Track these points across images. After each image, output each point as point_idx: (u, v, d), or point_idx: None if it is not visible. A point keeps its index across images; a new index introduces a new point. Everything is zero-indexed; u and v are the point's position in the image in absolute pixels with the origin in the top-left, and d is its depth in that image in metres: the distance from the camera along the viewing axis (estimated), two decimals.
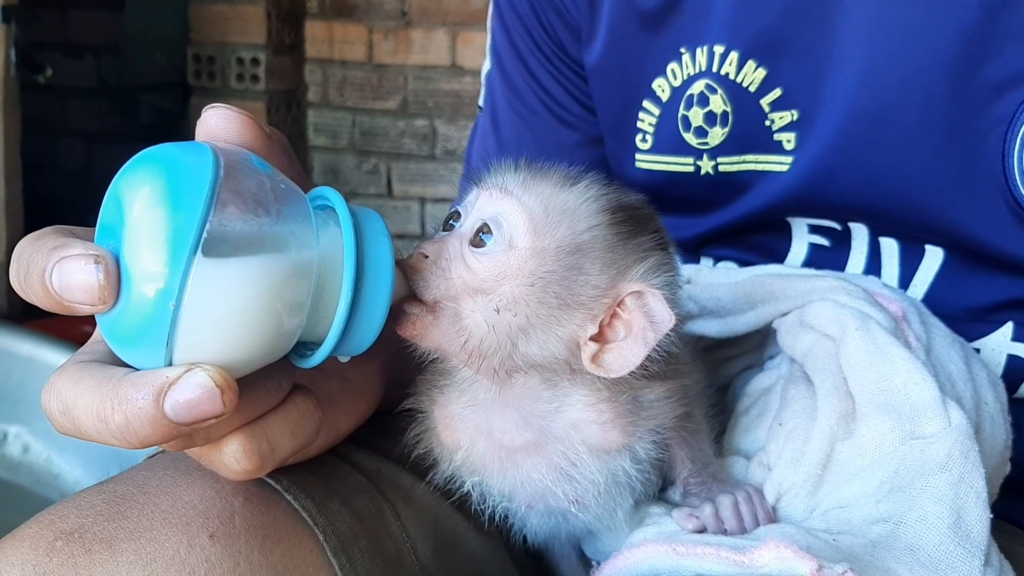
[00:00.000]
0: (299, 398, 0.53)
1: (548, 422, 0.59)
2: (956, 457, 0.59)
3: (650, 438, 0.60)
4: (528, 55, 0.98)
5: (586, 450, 0.59)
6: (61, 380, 0.49)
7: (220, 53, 2.72)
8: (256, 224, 0.47)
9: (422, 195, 3.00)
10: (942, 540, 0.58)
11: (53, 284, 0.46)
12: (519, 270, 0.55)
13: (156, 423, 0.46)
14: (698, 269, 0.80)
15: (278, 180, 0.50)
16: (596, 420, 0.58)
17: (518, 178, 0.57)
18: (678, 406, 0.61)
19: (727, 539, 0.59)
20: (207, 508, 0.56)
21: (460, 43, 2.87)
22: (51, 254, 0.46)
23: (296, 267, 0.48)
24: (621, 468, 0.61)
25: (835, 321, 0.66)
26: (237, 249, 0.46)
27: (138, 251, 0.45)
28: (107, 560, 0.52)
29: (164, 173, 0.46)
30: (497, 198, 0.56)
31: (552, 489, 0.60)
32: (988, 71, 0.70)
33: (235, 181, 0.47)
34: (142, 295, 0.45)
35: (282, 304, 0.47)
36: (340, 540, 0.59)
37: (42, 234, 0.49)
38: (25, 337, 1.85)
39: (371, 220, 0.53)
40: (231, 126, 0.53)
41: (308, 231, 0.49)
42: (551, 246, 0.55)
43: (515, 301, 0.54)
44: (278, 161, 0.54)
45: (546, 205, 0.56)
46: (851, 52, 0.75)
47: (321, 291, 0.50)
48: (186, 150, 0.48)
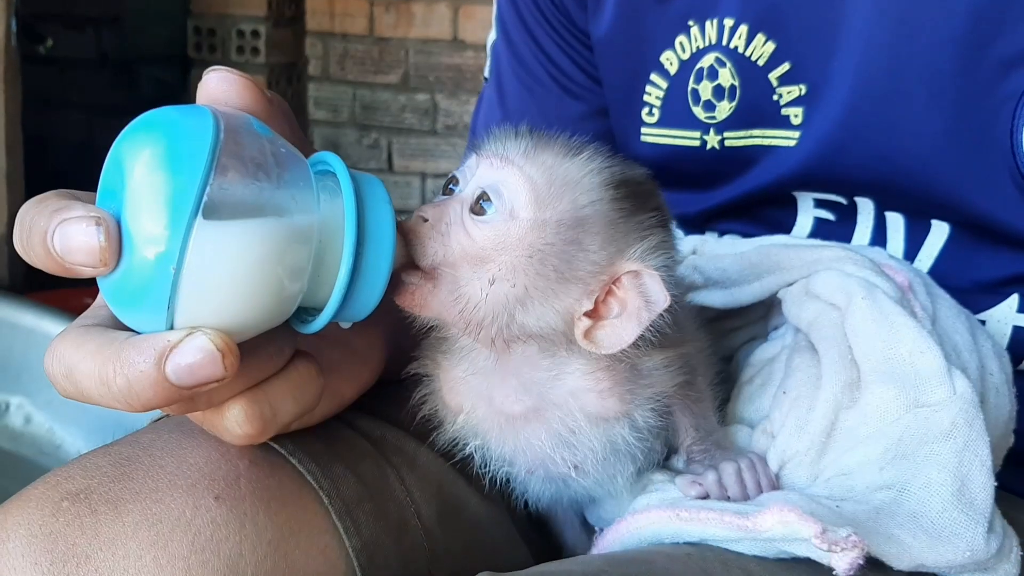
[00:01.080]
0: (301, 363, 0.53)
1: (546, 390, 0.59)
2: (960, 425, 0.60)
3: (649, 406, 0.61)
4: (534, 25, 0.97)
5: (584, 418, 0.59)
6: (64, 344, 0.49)
7: (221, 26, 2.71)
8: (256, 188, 0.47)
9: (423, 170, 2.99)
10: (945, 507, 0.58)
11: (55, 246, 0.46)
12: (519, 241, 0.54)
13: (158, 386, 0.46)
14: (703, 240, 0.80)
15: (279, 144, 0.50)
16: (594, 388, 0.59)
17: (520, 147, 0.57)
18: (678, 374, 0.61)
19: (731, 504, 0.60)
20: (212, 470, 0.56)
21: (462, 17, 2.85)
22: (53, 216, 0.46)
23: (297, 231, 0.48)
24: (620, 436, 0.61)
25: (841, 290, 0.66)
26: (237, 212, 0.46)
27: (139, 214, 0.46)
28: (113, 521, 0.53)
29: (164, 136, 0.46)
30: (498, 166, 0.56)
31: (551, 455, 0.61)
32: (998, 48, 0.69)
33: (235, 145, 0.47)
34: (142, 258, 0.45)
35: (283, 268, 0.47)
36: (345, 504, 0.59)
37: (45, 197, 0.49)
38: (27, 308, 1.85)
39: (372, 186, 0.52)
40: (232, 89, 0.53)
41: (309, 195, 0.49)
42: (552, 218, 0.55)
43: (513, 271, 0.54)
44: (279, 126, 0.54)
45: (549, 176, 0.55)
46: (860, 27, 0.74)
47: (322, 256, 0.50)
48: (186, 113, 0.48)
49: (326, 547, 0.58)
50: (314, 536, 0.57)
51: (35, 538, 0.52)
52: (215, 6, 2.69)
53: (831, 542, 0.52)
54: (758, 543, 0.56)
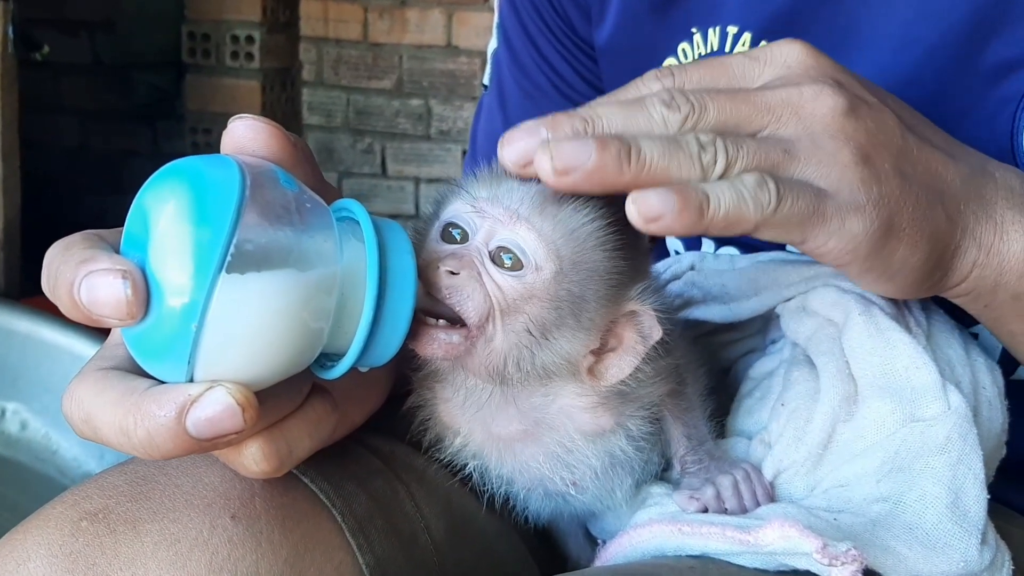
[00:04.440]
0: (317, 401, 0.54)
1: (542, 414, 0.61)
2: (955, 439, 0.61)
3: (640, 415, 0.63)
4: (537, 33, 0.97)
5: (580, 436, 0.62)
6: (82, 388, 0.49)
7: (215, 31, 2.70)
8: (280, 241, 0.47)
9: (416, 175, 2.99)
10: (940, 519, 0.59)
11: (82, 298, 0.46)
12: (544, 291, 0.56)
13: (178, 439, 0.46)
14: (702, 256, 0.81)
15: (303, 196, 0.50)
16: (587, 407, 0.61)
17: (527, 199, 0.57)
18: (666, 382, 0.63)
19: (731, 518, 0.61)
20: (228, 489, 0.57)
21: (456, 23, 2.85)
22: (80, 267, 0.46)
23: (319, 283, 0.48)
24: (617, 447, 0.63)
25: (838, 306, 0.67)
26: (261, 267, 0.46)
27: (163, 267, 0.46)
28: (132, 540, 0.53)
29: (190, 188, 0.46)
30: (512, 222, 0.56)
31: (549, 476, 0.63)
32: (998, 51, 0.70)
33: (261, 198, 0.47)
34: (166, 312, 0.46)
35: (304, 320, 0.48)
36: (357, 521, 0.60)
37: (71, 243, 0.49)
38: (23, 314, 1.85)
39: (394, 232, 0.52)
40: (258, 137, 0.53)
41: (331, 246, 0.49)
42: (569, 268, 0.56)
43: (541, 320, 0.56)
44: (302, 171, 0.54)
45: (560, 228, 0.56)
46: (867, 34, 0.75)
47: (344, 304, 0.50)
48: (212, 165, 0.48)
49: (340, 564, 0.59)
50: (329, 553, 0.58)
51: (55, 558, 0.53)
52: (209, 11, 2.69)
53: (831, 557, 0.53)
54: (759, 556, 0.57)
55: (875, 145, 0.55)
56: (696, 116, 0.53)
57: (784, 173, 0.53)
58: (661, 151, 0.51)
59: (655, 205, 0.49)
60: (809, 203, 0.52)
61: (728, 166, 0.52)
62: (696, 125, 0.53)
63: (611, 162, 0.50)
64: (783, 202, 0.51)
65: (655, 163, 0.51)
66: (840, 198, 0.53)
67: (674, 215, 0.49)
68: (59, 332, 1.78)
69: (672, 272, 0.79)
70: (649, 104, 0.54)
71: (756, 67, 0.58)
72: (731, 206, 0.50)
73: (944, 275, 0.60)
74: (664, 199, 0.49)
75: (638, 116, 0.53)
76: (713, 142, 0.52)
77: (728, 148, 0.52)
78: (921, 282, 0.58)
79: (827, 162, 0.53)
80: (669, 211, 0.49)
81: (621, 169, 0.50)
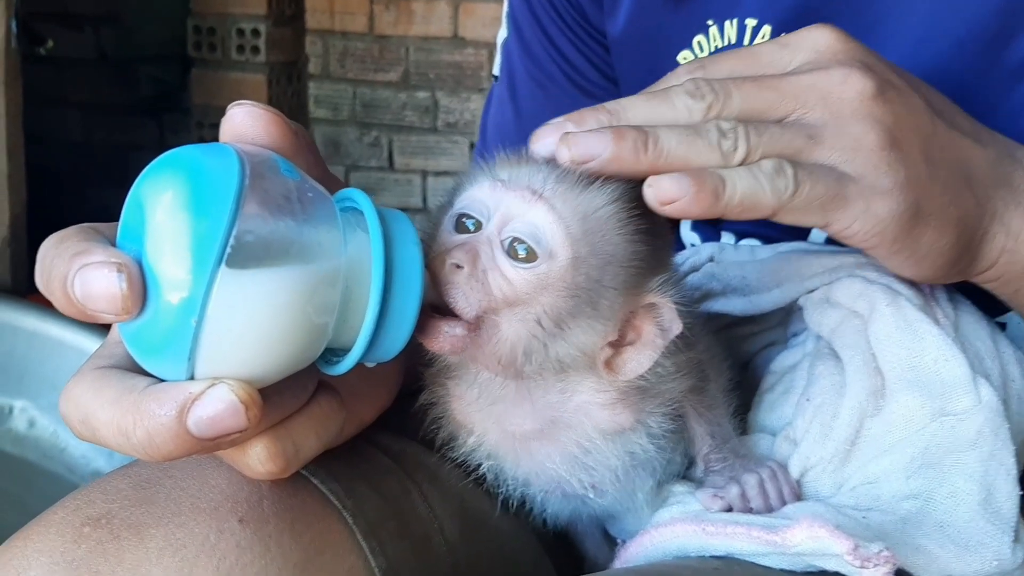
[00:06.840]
0: (324, 399, 0.52)
1: (559, 411, 0.59)
2: (986, 434, 0.60)
3: (661, 411, 0.61)
4: (548, 23, 0.95)
5: (599, 435, 0.59)
6: (80, 388, 0.48)
7: (220, 24, 2.69)
8: (281, 233, 0.45)
9: (424, 168, 2.98)
10: (972, 516, 0.59)
11: (76, 292, 0.45)
12: (559, 281, 0.53)
13: (179, 438, 0.45)
14: (721, 247, 0.79)
15: (305, 187, 0.48)
16: (605, 403, 0.59)
17: (544, 179, 0.55)
18: (688, 378, 0.61)
19: (757, 518, 0.59)
20: (235, 492, 0.55)
21: (462, 14, 2.84)
22: (73, 260, 0.45)
23: (323, 276, 0.47)
24: (638, 446, 0.61)
25: (864, 298, 0.65)
26: (262, 260, 0.44)
27: (161, 261, 0.44)
28: (136, 546, 0.52)
29: (188, 179, 0.45)
30: (528, 202, 0.54)
31: (566, 478, 0.61)
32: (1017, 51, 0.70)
33: (260, 188, 0.45)
34: (164, 307, 0.44)
35: (308, 315, 0.46)
36: (369, 523, 0.59)
37: (65, 236, 0.48)
38: (29, 311, 1.84)
39: (400, 223, 0.50)
40: (258, 124, 0.51)
41: (335, 238, 0.48)
42: (587, 256, 0.54)
43: (555, 312, 0.54)
44: (303, 160, 0.52)
45: (578, 211, 0.54)
46: (891, 26, 0.74)
47: (349, 298, 0.48)
48: (210, 154, 0.46)
49: (352, 567, 0.57)
50: (340, 556, 0.57)
51: (57, 566, 0.51)
52: (215, 5, 2.68)
53: (863, 558, 0.52)
54: (786, 557, 0.56)
55: (903, 129, 0.55)
56: (720, 104, 0.54)
57: (808, 159, 0.53)
58: (679, 139, 0.52)
59: (669, 188, 0.51)
60: (829, 188, 0.52)
61: (749, 152, 0.52)
62: (720, 113, 0.54)
63: (627, 152, 0.51)
64: (801, 187, 0.52)
65: (672, 151, 0.51)
66: (865, 182, 0.53)
67: (689, 198, 0.50)
68: (66, 329, 1.77)
69: (691, 264, 0.78)
70: (674, 94, 0.54)
71: (786, 54, 0.58)
72: (747, 191, 0.51)
73: (972, 260, 0.60)
74: (679, 183, 0.50)
75: (662, 107, 0.54)
76: (734, 129, 0.52)
77: (749, 135, 0.52)
78: (949, 267, 0.59)
79: (852, 146, 0.54)
80: (684, 194, 0.50)
81: (638, 158, 0.51)
